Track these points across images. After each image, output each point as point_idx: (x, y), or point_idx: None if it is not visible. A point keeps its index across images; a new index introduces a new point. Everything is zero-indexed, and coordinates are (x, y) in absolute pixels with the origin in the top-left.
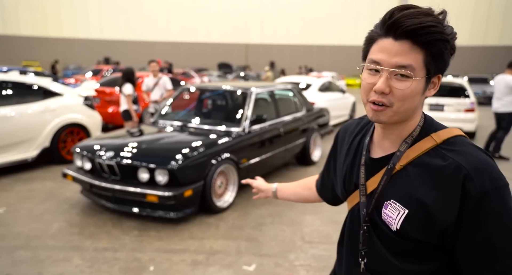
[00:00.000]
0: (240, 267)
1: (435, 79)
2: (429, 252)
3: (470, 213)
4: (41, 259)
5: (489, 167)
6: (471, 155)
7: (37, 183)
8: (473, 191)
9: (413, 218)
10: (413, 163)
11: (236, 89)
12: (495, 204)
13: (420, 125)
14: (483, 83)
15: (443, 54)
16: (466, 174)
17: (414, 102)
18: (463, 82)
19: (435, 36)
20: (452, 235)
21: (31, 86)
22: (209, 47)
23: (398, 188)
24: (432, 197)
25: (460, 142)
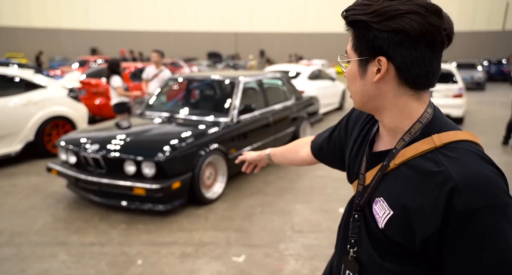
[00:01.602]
0: (230, 258)
1: (379, 63)
2: (412, 256)
3: (455, 229)
4: (25, 255)
5: (484, 182)
6: (469, 166)
7: (21, 178)
8: (460, 206)
9: (396, 221)
10: (407, 163)
11: (224, 78)
12: (485, 224)
13: (422, 121)
14: (471, 69)
15: (365, 34)
16: (454, 187)
17: (355, 86)
18: (451, 68)
19: (351, 18)
20: (436, 246)
21: (12, 78)
22: (198, 36)
23: (389, 187)
24: (417, 204)
25: (463, 148)
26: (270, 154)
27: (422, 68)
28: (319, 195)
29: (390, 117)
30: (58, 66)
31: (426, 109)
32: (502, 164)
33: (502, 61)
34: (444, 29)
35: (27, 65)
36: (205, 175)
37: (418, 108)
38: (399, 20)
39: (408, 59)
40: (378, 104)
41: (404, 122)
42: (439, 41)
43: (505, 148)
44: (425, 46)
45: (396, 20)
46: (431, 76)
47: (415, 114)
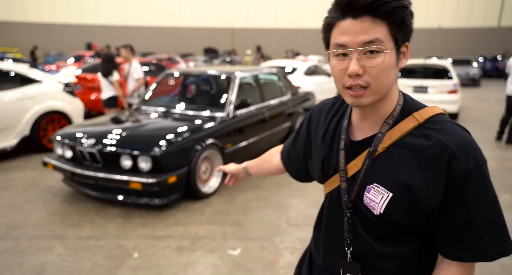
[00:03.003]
0: (225, 251)
1: (404, 49)
2: (410, 235)
3: (454, 192)
4: (22, 249)
5: (472, 145)
6: (455, 133)
7: (17, 172)
8: (459, 170)
9: (397, 202)
10: (396, 144)
11: (220, 73)
12: (478, 182)
13: (400, 104)
14: (466, 65)
15: (405, 20)
16: (451, 154)
17: (390, 76)
18: (446, 64)
19: (393, 4)
20: (436, 216)
21: (7, 73)
22: (195, 32)
23: (381, 171)
24: (418, 179)
25: (441, 120)
26: (247, 167)
27: None
28: (314, 189)
29: (388, 103)
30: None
31: (399, 93)
32: (496, 159)
33: (497, 58)
34: None
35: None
36: (201, 170)
37: (397, 90)
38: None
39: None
40: (388, 90)
41: (393, 104)
42: None
43: (498, 143)
44: None
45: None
46: None
47: (396, 96)
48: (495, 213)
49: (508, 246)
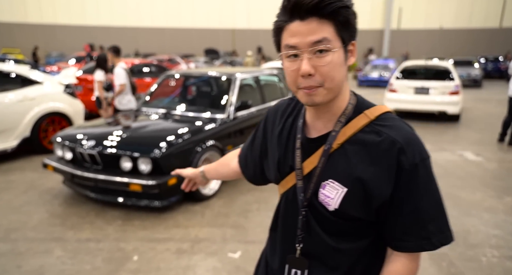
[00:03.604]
0: (225, 254)
1: (351, 47)
2: (363, 230)
3: (403, 185)
4: (21, 251)
5: (417, 140)
6: (403, 129)
7: (17, 173)
8: (406, 163)
9: (352, 196)
10: (350, 141)
11: (221, 75)
12: (422, 175)
13: (351, 103)
14: (468, 66)
15: (349, 20)
16: (400, 148)
17: (341, 73)
18: (448, 65)
19: (337, 5)
20: (386, 208)
21: (8, 74)
22: (195, 33)
23: (336, 167)
24: (370, 173)
25: (390, 118)
26: (204, 171)
27: None
28: None
29: (340, 101)
30: (54, 62)
31: (350, 92)
32: (498, 161)
33: (499, 59)
34: None
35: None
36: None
37: (349, 90)
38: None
39: None
40: (342, 88)
41: (345, 103)
42: None
43: (501, 145)
44: None
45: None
46: None
47: (348, 95)
48: (437, 203)
49: (449, 234)
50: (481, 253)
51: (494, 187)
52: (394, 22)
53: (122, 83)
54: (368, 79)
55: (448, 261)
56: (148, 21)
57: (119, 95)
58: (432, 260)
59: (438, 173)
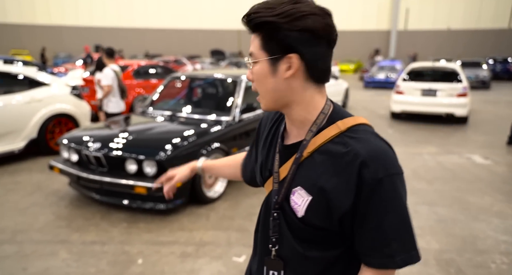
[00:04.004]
0: (230, 258)
1: (290, 59)
2: (331, 240)
3: (365, 199)
4: (27, 253)
5: (385, 155)
6: (370, 142)
7: (24, 175)
8: (368, 178)
9: (315, 205)
10: (319, 150)
11: (226, 77)
12: (387, 191)
13: (324, 112)
14: (476, 67)
15: (274, 34)
16: (362, 161)
17: (267, 84)
18: (455, 66)
19: (258, 20)
20: (349, 221)
21: (16, 76)
22: (201, 34)
23: (304, 175)
24: (332, 184)
25: (362, 130)
26: (204, 169)
27: (324, 63)
28: None
29: (299, 111)
30: (62, 63)
31: (326, 102)
32: (507, 164)
33: (508, 60)
34: (335, 29)
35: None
36: (207, 174)
37: (321, 100)
38: (305, 20)
39: (315, 55)
40: (289, 99)
41: (312, 113)
42: (333, 39)
43: (509, 148)
44: (325, 43)
45: (303, 20)
46: (329, 71)
47: (319, 106)
48: (403, 222)
49: (414, 254)
50: (490, 260)
51: (503, 191)
52: (401, 23)
53: (108, 84)
54: (375, 80)
55: (456, 267)
56: (155, 22)
57: (106, 97)
58: (440, 266)
59: (446, 176)
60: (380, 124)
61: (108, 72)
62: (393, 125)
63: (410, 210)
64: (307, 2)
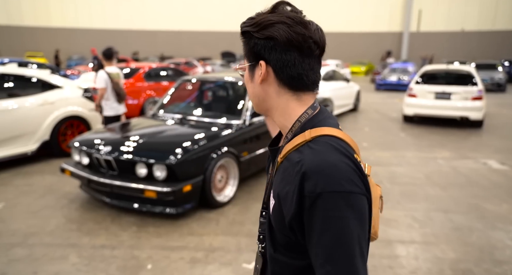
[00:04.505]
0: (240, 265)
1: (262, 67)
2: (294, 248)
3: (307, 212)
4: (37, 257)
5: (332, 170)
6: (320, 155)
7: (37, 177)
8: (307, 191)
9: (275, 210)
10: (287, 157)
11: (237, 80)
12: (327, 207)
13: (300, 120)
14: (491, 69)
15: (248, 43)
16: (304, 173)
17: (249, 89)
18: (470, 69)
19: (241, 30)
20: (300, 232)
21: (29, 78)
22: (212, 36)
23: (276, 180)
24: (284, 191)
25: (323, 141)
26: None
27: (294, 70)
28: None
29: (277, 116)
30: (75, 65)
31: (306, 110)
32: None
33: None
34: (309, 37)
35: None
36: (217, 178)
37: (299, 108)
38: (270, 29)
39: (281, 61)
40: (267, 105)
41: (288, 120)
42: (306, 47)
43: None
44: (294, 51)
45: (268, 29)
46: (305, 78)
47: (296, 113)
48: (339, 244)
49: None
50: (509, 271)
51: None
52: (413, 25)
53: (100, 87)
54: (386, 83)
55: None
56: (166, 24)
57: (100, 100)
58: None
59: (460, 182)
60: (392, 128)
61: (101, 75)
62: (405, 128)
63: (424, 216)
64: (284, 12)
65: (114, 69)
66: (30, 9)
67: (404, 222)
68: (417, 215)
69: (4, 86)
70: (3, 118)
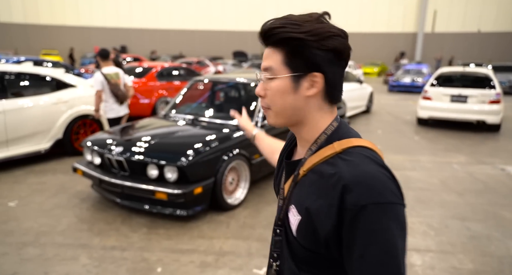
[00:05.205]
0: (251, 270)
1: (313, 78)
2: (322, 262)
3: (347, 226)
4: (49, 257)
5: (372, 181)
6: (358, 166)
7: (49, 175)
8: (350, 203)
9: (303, 226)
10: (313, 169)
11: (249, 81)
12: (372, 220)
13: (326, 133)
14: (509, 72)
15: (300, 51)
16: (345, 185)
17: (285, 101)
18: (488, 71)
19: (283, 35)
20: (336, 246)
21: (44, 77)
22: (224, 35)
23: (298, 194)
24: (317, 205)
25: (357, 152)
26: (256, 136)
27: (341, 84)
28: None
29: (309, 129)
30: (88, 63)
31: (331, 123)
32: None
33: None
34: (350, 50)
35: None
36: (228, 181)
37: (328, 120)
38: (331, 41)
39: (336, 75)
40: (300, 118)
41: (315, 133)
42: (347, 61)
43: None
44: (344, 65)
45: (329, 41)
46: (341, 91)
47: (324, 126)
48: (388, 257)
49: None
50: None
51: None
52: (428, 25)
53: (97, 89)
54: (400, 84)
55: None
56: (179, 23)
57: (99, 103)
58: None
59: (477, 188)
60: (405, 130)
61: (97, 76)
62: (419, 131)
63: (439, 224)
64: (328, 23)
65: (111, 69)
66: (46, 8)
67: (419, 229)
68: (432, 222)
69: (19, 85)
70: (18, 116)
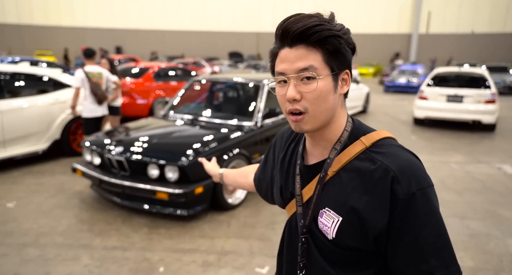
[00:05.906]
0: (253, 269)
1: (344, 76)
2: (365, 260)
3: (399, 215)
4: (50, 258)
5: (414, 168)
6: (397, 156)
7: (48, 176)
8: (401, 193)
9: (347, 225)
10: (345, 168)
11: (248, 81)
12: (421, 205)
13: (347, 129)
14: (502, 72)
15: (339, 49)
16: (394, 177)
17: (328, 101)
18: (483, 72)
19: (324, 33)
20: (384, 240)
21: (41, 77)
22: (220, 36)
23: (332, 195)
24: (364, 202)
25: (387, 144)
26: (223, 174)
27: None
28: None
29: (334, 128)
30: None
31: (348, 119)
32: None
33: None
34: None
35: (56, 63)
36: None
37: (346, 117)
38: (351, 39)
39: (351, 70)
40: (332, 116)
41: (338, 131)
42: None
43: None
44: None
45: (351, 39)
46: None
47: (344, 122)
48: (440, 235)
49: (454, 270)
50: None
51: None
52: (422, 26)
53: (75, 86)
54: (395, 85)
55: None
56: (175, 24)
57: (76, 100)
58: None
59: (476, 187)
60: (402, 130)
61: (78, 74)
62: (416, 131)
63: None
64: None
65: (94, 68)
66: (40, 8)
67: None
68: None
69: (16, 85)
70: (15, 116)
